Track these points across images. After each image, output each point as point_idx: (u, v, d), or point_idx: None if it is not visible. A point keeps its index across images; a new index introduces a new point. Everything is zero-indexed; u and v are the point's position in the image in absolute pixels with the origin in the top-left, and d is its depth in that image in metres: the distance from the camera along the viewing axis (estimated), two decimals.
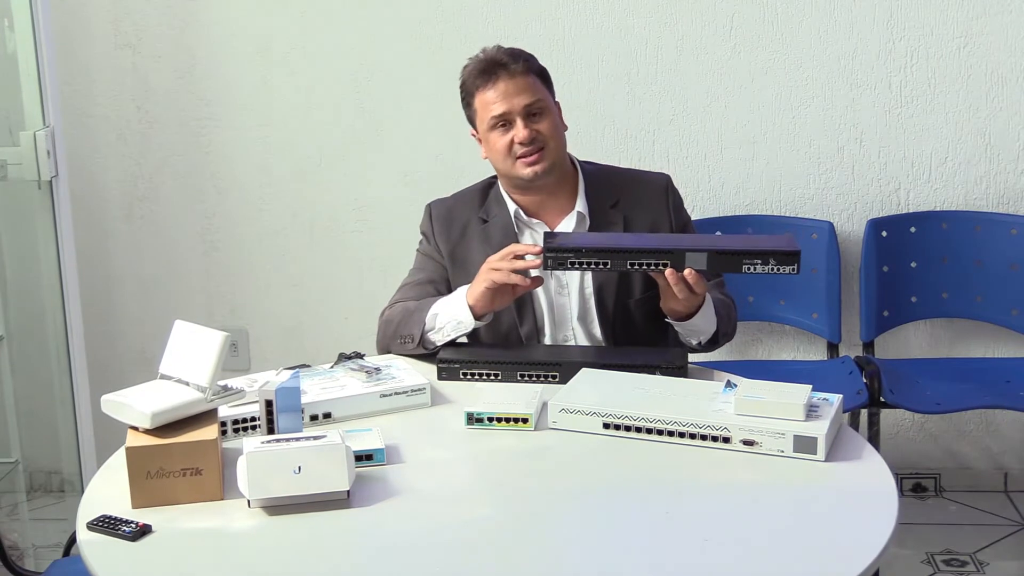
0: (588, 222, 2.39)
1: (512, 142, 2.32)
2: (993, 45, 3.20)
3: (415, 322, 2.31)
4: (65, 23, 3.36)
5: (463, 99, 2.41)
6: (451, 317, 2.27)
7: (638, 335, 2.39)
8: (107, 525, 1.65)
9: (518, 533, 1.65)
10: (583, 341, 2.40)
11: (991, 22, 3.19)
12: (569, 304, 2.40)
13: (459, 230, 2.44)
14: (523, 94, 2.32)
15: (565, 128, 2.41)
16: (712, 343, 2.34)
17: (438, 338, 2.29)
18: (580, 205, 2.39)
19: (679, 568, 1.54)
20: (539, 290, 2.38)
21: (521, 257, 2.19)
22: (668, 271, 2.09)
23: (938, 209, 3.29)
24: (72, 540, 2.10)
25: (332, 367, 2.20)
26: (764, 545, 1.59)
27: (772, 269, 2.09)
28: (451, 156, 3.35)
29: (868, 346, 3.26)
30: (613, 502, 1.74)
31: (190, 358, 1.83)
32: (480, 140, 2.41)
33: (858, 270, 3.28)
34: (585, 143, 3.22)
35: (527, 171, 2.33)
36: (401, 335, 2.33)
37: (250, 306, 3.58)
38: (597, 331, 2.40)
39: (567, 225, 2.39)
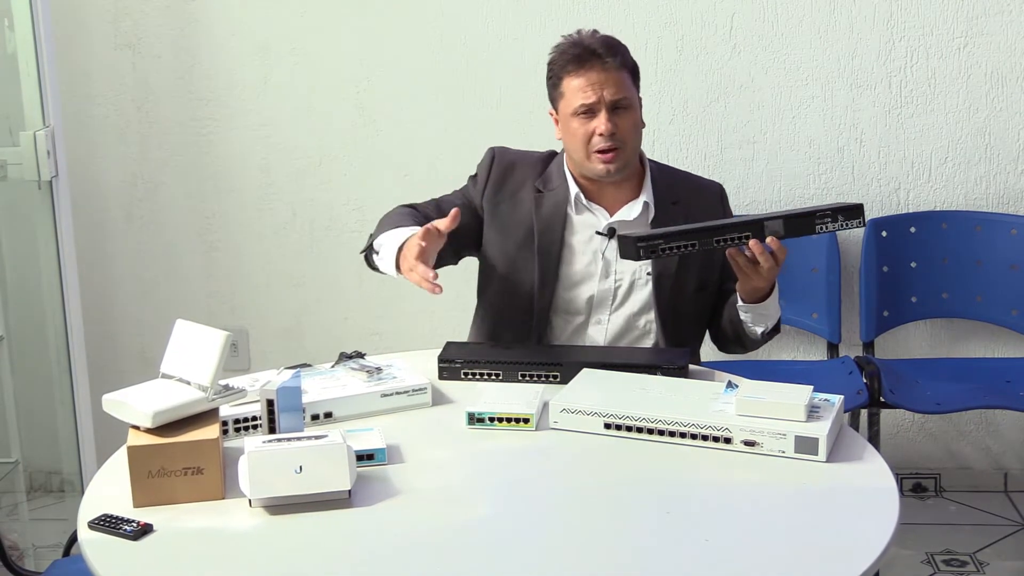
0: (652, 213, 2.41)
1: (592, 133, 2.33)
2: (993, 45, 3.20)
3: (374, 233, 2.35)
4: (65, 23, 3.35)
5: (549, 78, 2.41)
6: (386, 260, 2.28)
7: (684, 328, 2.43)
8: (108, 524, 1.65)
9: (518, 533, 1.65)
10: (616, 328, 2.41)
11: (991, 22, 3.19)
12: (615, 289, 2.41)
13: (512, 188, 2.46)
14: (612, 87, 2.33)
15: (643, 126, 2.43)
16: (773, 331, 2.37)
17: (379, 264, 2.31)
18: (646, 195, 2.42)
19: (679, 568, 1.54)
20: (579, 273, 2.41)
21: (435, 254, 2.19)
22: (752, 242, 2.13)
23: (938, 209, 3.29)
24: (72, 540, 2.11)
25: (333, 366, 2.20)
26: (765, 545, 1.59)
27: (841, 226, 2.18)
28: (451, 156, 3.35)
29: (868, 346, 3.26)
30: (614, 502, 1.74)
31: (191, 357, 1.83)
32: (557, 121, 2.42)
33: (858, 270, 3.28)
34: None
35: (600, 167, 2.35)
36: (371, 236, 2.37)
37: (250, 306, 3.58)
38: (640, 321, 2.41)
39: (630, 212, 2.40)
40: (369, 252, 2.36)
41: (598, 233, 2.40)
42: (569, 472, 1.85)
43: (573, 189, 2.42)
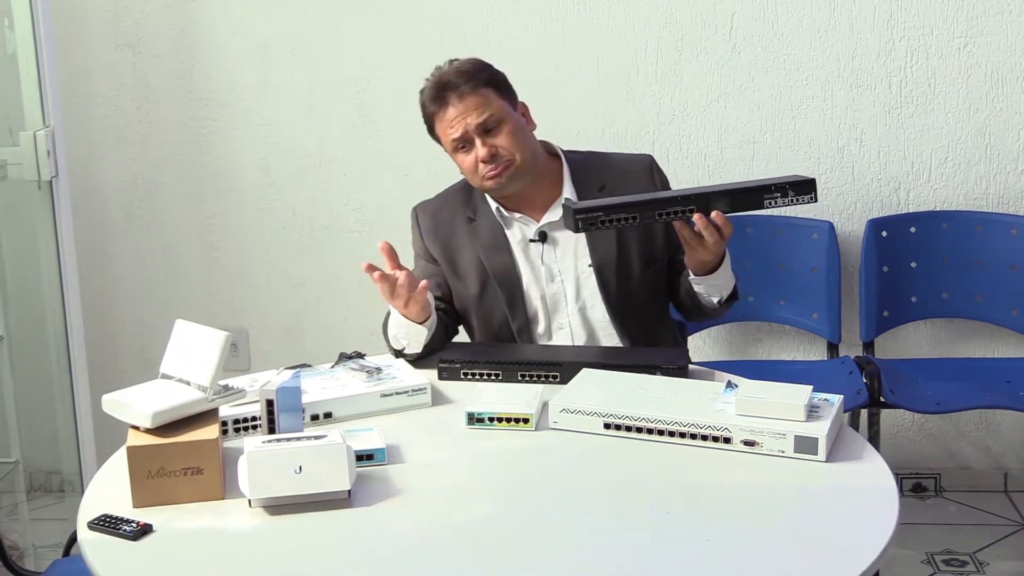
0: None
1: (476, 161, 2.33)
2: (993, 45, 3.20)
3: (389, 342, 2.37)
4: (65, 23, 3.35)
5: (426, 126, 2.41)
6: (405, 335, 2.30)
7: (640, 310, 2.42)
8: (108, 524, 1.65)
9: (518, 533, 1.65)
10: (579, 328, 2.41)
11: (991, 22, 3.19)
12: (564, 291, 2.41)
13: (446, 230, 2.46)
14: (474, 113, 2.31)
15: (533, 127, 2.41)
16: (731, 299, 2.37)
17: (414, 349, 2.32)
18: (568, 191, 2.40)
19: (679, 568, 1.54)
20: (530, 282, 2.41)
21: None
22: (696, 216, 2.11)
23: (938, 209, 3.29)
24: (72, 540, 2.11)
25: (333, 367, 2.20)
26: (764, 545, 1.59)
27: (792, 201, 2.11)
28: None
29: (868, 346, 3.26)
30: (614, 502, 1.74)
31: (191, 358, 1.83)
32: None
33: (858, 270, 3.28)
34: (585, 143, 3.20)
35: (490, 183, 2.34)
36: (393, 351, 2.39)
37: (250, 306, 3.58)
38: (598, 315, 2.41)
39: (555, 213, 2.39)
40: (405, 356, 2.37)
41: (531, 241, 2.41)
42: (569, 472, 1.85)
43: (493, 205, 2.42)
